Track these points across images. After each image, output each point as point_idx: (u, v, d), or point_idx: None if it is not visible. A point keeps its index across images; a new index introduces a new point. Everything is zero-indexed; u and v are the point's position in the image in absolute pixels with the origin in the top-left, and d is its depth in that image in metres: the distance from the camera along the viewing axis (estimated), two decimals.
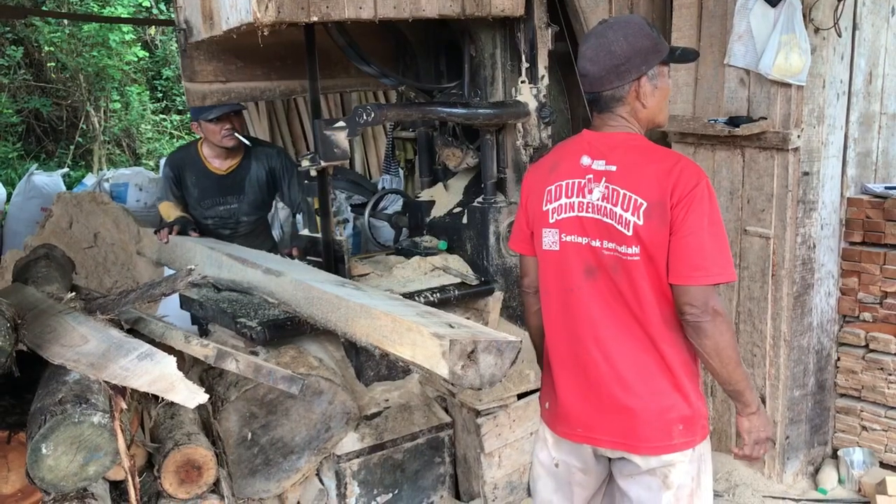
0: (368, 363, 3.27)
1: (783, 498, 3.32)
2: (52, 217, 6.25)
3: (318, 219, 3.40)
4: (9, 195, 7.20)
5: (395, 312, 2.35)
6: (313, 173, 3.27)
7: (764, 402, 3.44)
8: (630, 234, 2.01)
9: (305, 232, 3.64)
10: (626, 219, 2.02)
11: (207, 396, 1.72)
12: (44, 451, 1.81)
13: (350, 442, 3.03)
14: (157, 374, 1.76)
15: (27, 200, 6.96)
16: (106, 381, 1.84)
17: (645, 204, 1.99)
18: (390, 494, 3.12)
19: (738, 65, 3.30)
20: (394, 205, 4.99)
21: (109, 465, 1.91)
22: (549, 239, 2.15)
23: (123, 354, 1.89)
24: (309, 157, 3.20)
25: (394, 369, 3.33)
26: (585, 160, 2.10)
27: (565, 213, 2.12)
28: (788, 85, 3.19)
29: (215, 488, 2.44)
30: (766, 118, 3.26)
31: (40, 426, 1.84)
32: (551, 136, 3.37)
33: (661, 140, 3.87)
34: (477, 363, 2.08)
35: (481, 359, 2.09)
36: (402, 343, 2.24)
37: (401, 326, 2.26)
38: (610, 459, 2.20)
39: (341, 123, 3.10)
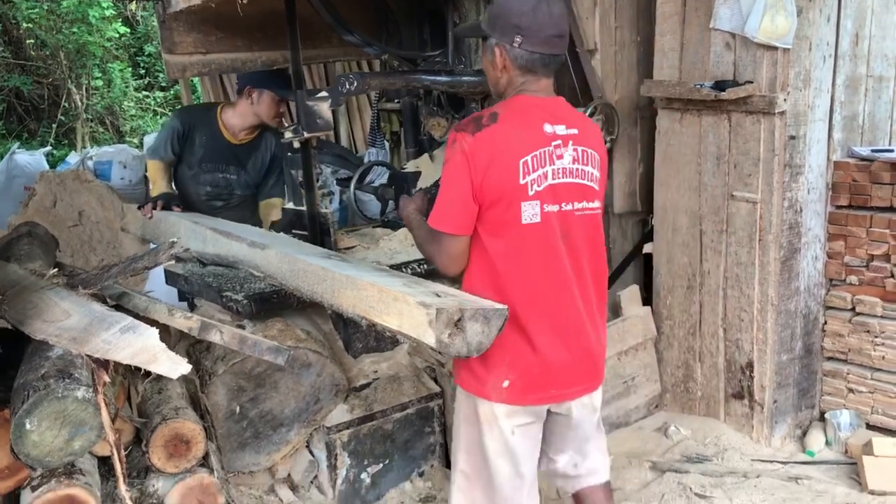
0: (357, 335, 3.26)
1: (771, 461, 3.34)
2: (35, 196, 6.19)
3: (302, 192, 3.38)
4: None
5: (381, 283, 2.33)
6: (296, 145, 3.25)
7: (752, 367, 3.45)
8: (597, 188, 2.25)
9: (290, 205, 3.61)
10: (594, 175, 2.24)
11: (190, 367, 1.70)
12: (28, 426, 1.80)
13: (340, 413, 3.03)
14: (139, 346, 1.75)
15: (10, 180, 6.90)
16: (88, 355, 1.82)
17: (599, 158, 2.26)
18: (381, 464, 3.12)
19: (724, 28, 3.28)
20: (380, 178, 4.96)
21: (95, 439, 1.90)
22: (530, 212, 2.15)
23: (105, 328, 1.87)
24: (292, 128, 3.17)
25: (382, 341, 3.32)
26: (548, 127, 2.17)
27: (543, 182, 2.15)
28: (774, 48, 3.17)
29: (204, 462, 2.44)
30: (752, 82, 3.24)
31: (24, 401, 1.83)
32: None
33: (647, 106, 3.85)
34: (464, 331, 2.07)
35: (468, 327, 2.07)
36: (389, 313, 2.22)
37: (387, 296, 2.24)
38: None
39: (324, 93, 3.07)
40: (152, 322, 2.10)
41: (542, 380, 2.21)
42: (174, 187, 3.96)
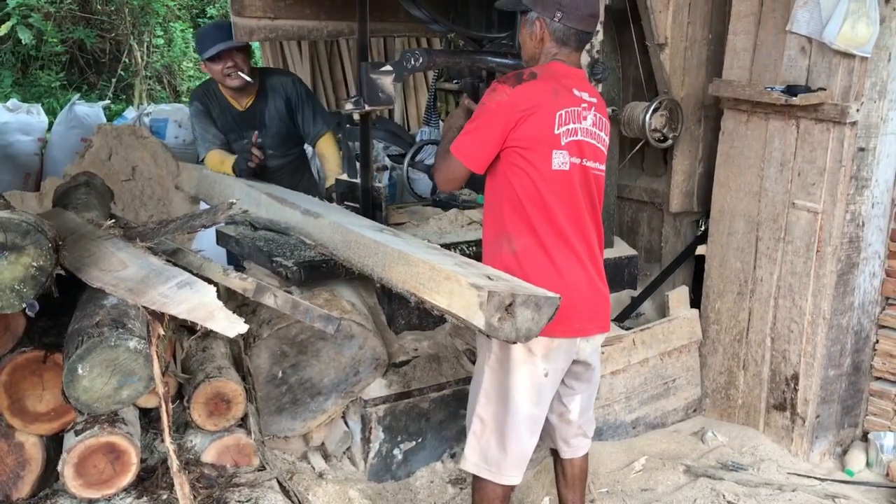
0: (400, 311, 3.26)
1: (808, 476, 3.28)
2: (91, 147, 6.29)
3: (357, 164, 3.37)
4: (50, 124, 7.23)
5: (433, 261, 2.32)
6: (356, 117, 3.23)
7: (797, 379, 3.39)
8: (605, 152, 2.55)
9: (344, 176, 3.61)
10: (605, 141, 2.53)
11: (247, 327, 1.70)
12: (80, 371, 1.82)
13: (377, 388, 3.04)
14: (196, 302, 1.75)
15: (68, 130, 6.99)
16: (144, 307, 1.83)
17: (609, 128, 2.56)
18: (414, 442, 3.12)
19: (801, 32, 3.19)
20: (432, 156, 4.95)
21: (143, 390, 1.92)
22: (560, 160, 2.39)
23: (163, 282, 1.88)
24: (353, 100, 3.14)
25: (425, 319, 3.32)
26: (577, 91, 2.43)
27: (571, 137, 2.40)
28: (852, 56, 3.08)
29: (242, 423, 2.46)
30: (825, 89, 3.15)
31: (77, 347, 1.85)
32: (602, 93, 3.29)
33: (712, 105, 3.77)
34: (514, 316, 2.05)
35: (518, 312, 2.05)
36: (439, 291, 2.21)
37: (438, 275, 2.23)
38: None
39: (388, 67, 3.04)
40: (206, 281, 2.11)
41: (570, 312, 2.34)
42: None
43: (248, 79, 3.72)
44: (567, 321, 2.36)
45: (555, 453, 2.77)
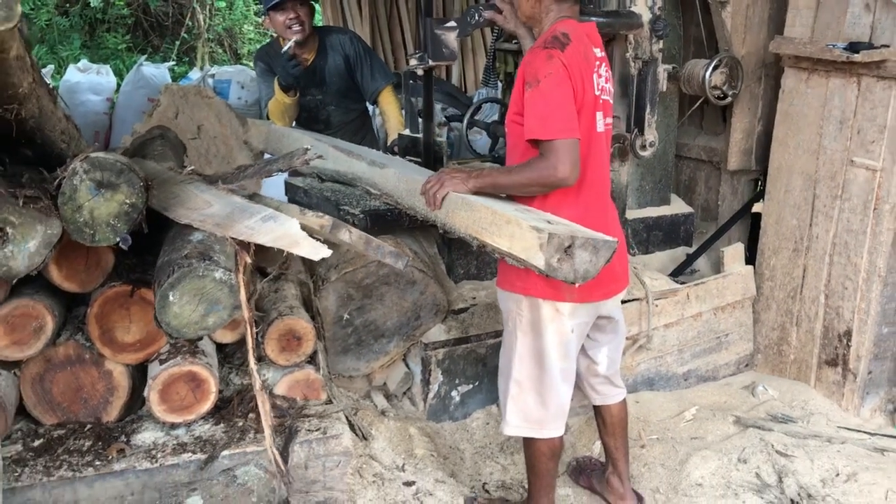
0: (460, 261, 3.37)
1: (858, 430, 3.33)
2: (159, 107, 6.49)
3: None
4: (117, 85, 7.46)
5: (494, 206, 2.41)
6: (420, 73, 3.32)
7: (850, 335, 3.42)
8: (613, 105, 2.54)
9: (406, 131, 3.72)
10: (612, 94, 2.53)
11: (330, 252, 1.83)
12: (171, 298, 1.97)
13: (437, 332, 3.17)
14: (281, 232, 1.89)
15: (136, 90, 7.19)
16: (232, 238, 1.97)
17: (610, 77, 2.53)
18: (471, 385, 3.25)
19: None
20: (490, 115, 5.02)
21: (227, 318, 2.06)
22: (601, 122, 2.44)
23: (247, 217, 2.02)
24: (417, 56, 3.23)
25: (483, 270, 3.43)
26: (595, 50, 2.42)
27: (602, 96, 2.43)
28: None
29: (312, 360, 2.61)
30: (888, 46, 3.14)
31: (168, 276, 2.00)
32: (662, 50, 3.33)
33: (773, 64, 3.78)
34: (572, 258, 2.14)
35: (577, 254, 2.14)
36: (501, 234, 2.31)
37: (500, 219, 2.33)
38: None
39: (452, 23, 3.12)
40: None
41: (603, 274, 2.28)
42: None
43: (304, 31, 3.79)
44: (602, 285, 2.44)
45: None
